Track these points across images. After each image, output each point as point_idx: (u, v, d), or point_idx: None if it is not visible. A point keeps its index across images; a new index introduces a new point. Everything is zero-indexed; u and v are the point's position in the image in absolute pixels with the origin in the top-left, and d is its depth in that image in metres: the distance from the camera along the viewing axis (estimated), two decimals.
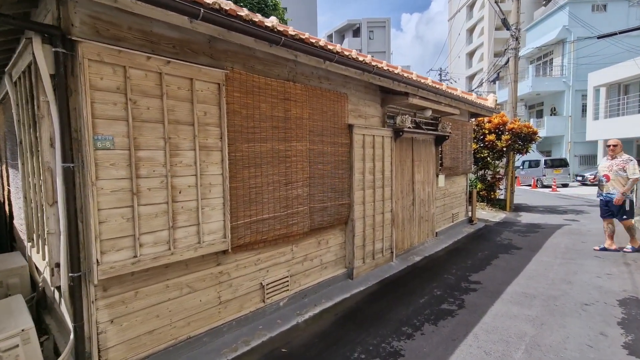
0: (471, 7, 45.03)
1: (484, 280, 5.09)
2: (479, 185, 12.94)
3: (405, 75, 5.37)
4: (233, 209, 3.52)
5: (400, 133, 5.84)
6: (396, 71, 5.14)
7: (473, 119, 10.31)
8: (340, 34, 47.50)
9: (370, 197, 5.42)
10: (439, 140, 7.48)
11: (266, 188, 3.84)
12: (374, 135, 5.44)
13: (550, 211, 12.05)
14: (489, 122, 12.14)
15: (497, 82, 24.76)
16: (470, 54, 45.87)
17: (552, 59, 26.81)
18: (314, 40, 3.74)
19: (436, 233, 7.71)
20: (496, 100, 9.23)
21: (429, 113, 6.48)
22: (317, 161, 4.48)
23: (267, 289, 3.98)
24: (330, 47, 3.99)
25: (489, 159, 12.21)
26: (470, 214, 9.45)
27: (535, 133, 11.94)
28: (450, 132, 7.30)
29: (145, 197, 2.84)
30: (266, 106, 3.81)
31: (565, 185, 20.85)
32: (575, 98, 24.94)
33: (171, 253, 2.99)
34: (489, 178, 12.73)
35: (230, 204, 3.49)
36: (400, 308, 4.22)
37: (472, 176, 14.19)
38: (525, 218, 10.70)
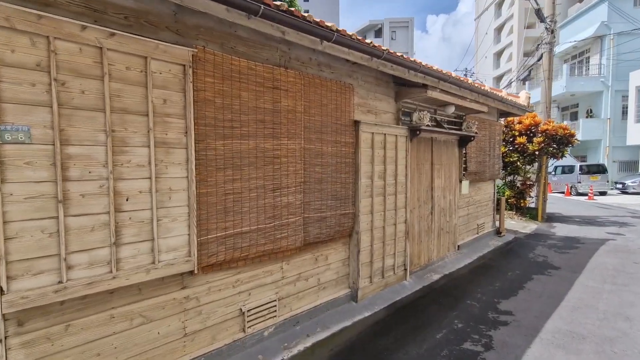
0: (500, 5, 43.12)
1: (516, 310, 4.21)
2: (507, 192, 11.84)
3: (424, 64, 4.58)
4: (202, 220, 2.86)
5: (417, 132, 5.04)
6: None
7: (502, 119, 9.32)
8: (362, 34, 46.63)
9: (380, 206, 4.65)
10: (463, 142, 6.60)
11: (248, 195, 3.17)
12: (385, 134, 4.67)
13: (588, 222, 10.80)
14: (519, 123, 11.05)
15: (527, 82, 23.25)
16: (498, 54, 43.90)
17: (588, 57, 24.95)
18: (305, 15, 3.05)
19: (458, 246, 6.81)
20: (529, 98, 8.22)
21: (451, 110, 5.65)
22: (314, 163, 3.78)
23: (248, 316, 3.30)
24: (327, 24, 3.28)
25: (518, 163, 11.12)
26: (497, 224, 8.46)
27: (572, 135, 10.75)
28: (476, 133, 6.41)
29: (77, 205, 2.22)
30: (249, 95, 3.14)
31: (603, 194, 19.15)
32: (615, 99, 23.02)
33: (113, 277, 2.36)
34: (518, 184, 11.62)
35: (199, 214, 2.83)
36: (411, 346, 3.43)
37: (499, 182, 13.11)
38: (561, 230, 9.56)
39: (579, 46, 25.05)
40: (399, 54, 4.12)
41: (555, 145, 11.00)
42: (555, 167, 21.03)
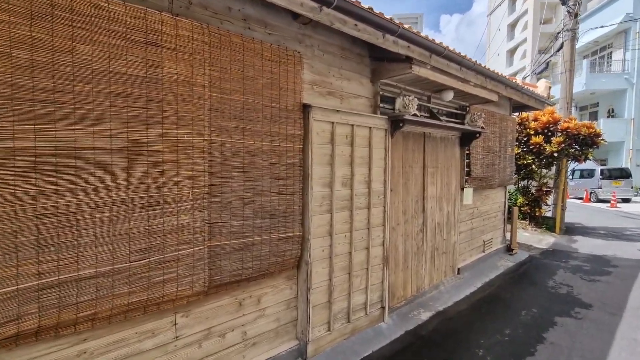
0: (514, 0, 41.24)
1: None
2: (520, 199, 10.40)
3: (407, 27, 3.29)
4: None
5: (401, 124, 3.73)
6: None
7: (516, 114, 7.92)
8: None
9: (345, 224, 3.37)
10: (466, 139, 5.26)
11: (91, 215, 1.93)
12: (353, 125, 3.39)
13: (615, 236, 9.31)
14: (535, 120, 9.61)
15: (544, 79, 21.56)
16: (512, 52, 41.99)
17: (610, 52, 23.15)
18: None
19: (458, 270, 5.47)
20: (550, 87, 6.82)
21: (449, 96, 4.32)
22: (230, 165, 2.52)
23: None
24: None
25: (533, 166, 9.68)
26: (509, 239, 7.06)
27: (598, 135, 9.25)
28: (482, 128, 5.07)
29: None
30: (96, 51, 1.90)
31: (626, 201, 17.44)
32: None
33: None
34: (533, 191, 10.17)
35: None
36: None
37: (511, 187, 11.67)
38: (584, 245, 8.11)
39: (600, 41, 23.27)
40: (366, 6, 2.84)
41: (577, 147, 9.53)
42: (573, 171, 19.35)
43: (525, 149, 9.77)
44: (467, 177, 5.46)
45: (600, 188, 17.43)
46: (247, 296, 2.79)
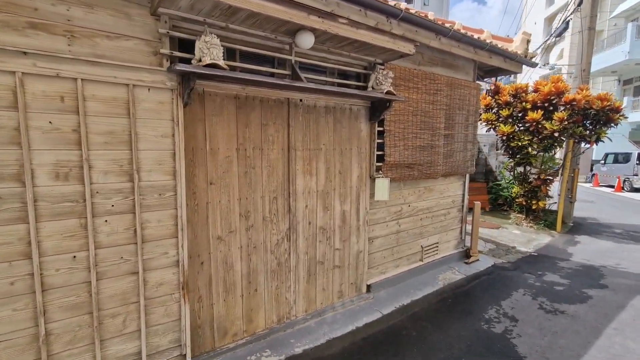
0: None
1: None
2: (516, 189, 8.62)
3: None
4: None
5: (191, 84, 2.35)
6: None
7: (489, 81, 6.13)
8: None
9: (72, 240, 2.13)
10: (376, 110, 3.75)
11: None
12: (79, 80, 2.08)
13: (633, 237, 7.42)
14: (536, 91, 7.68)
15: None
16: (550, 19, 37.39)
17: None
18: None
19: (368, 286, 4.09)
20: (528, 42, 4.99)
21: (306, 41, 2.83)
22: None
23: None
24: None
25: (530, 149, 7.82)
26: (467, 243, 5.49)
27: (616, 110, 7.21)
28: (390, 93, 3.53)
29: None
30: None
31: None
32: None
33: None
34: (532, 179, 8.33)
35: None
36: None
37: (507, 174, 9.82)
38: (583, 250, 6.38)
39: None
40: None
41: (589, 125, 7.54)
42: (606, 155, 16.72)
43: (521, 127, 7.91)
44: (380, 164, 3.97)
45: (637, 175, 14.81)
46: None
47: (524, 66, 5.34)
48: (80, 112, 2.09)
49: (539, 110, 7.36)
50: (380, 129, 3.93)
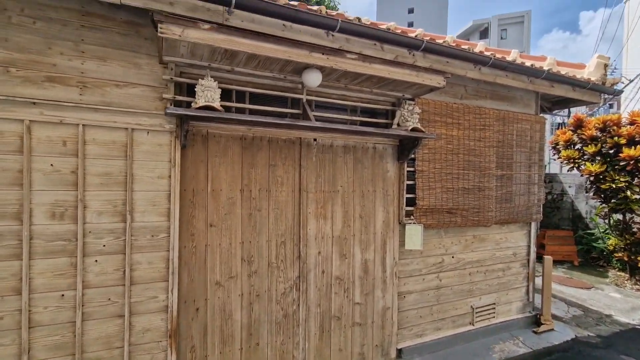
0: None
1: None
2: (613, 241, 7.05)
3: None
4: None
5: (186, 128, 2.37)
6: None
7: (561, 113, 5.25)
8: (464, 38, 41.10)
9: (62, 277, 2.18)
10: (405, 149, 3.39)
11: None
12: (81, 126, 2.22)
13: None
14: (632, 123, 6.39)
15: None
16: None
17: None
18: None
19: (399, 351, 3.50)
20: (605, 66, 4.17)
21: (313, 80, 2.69)
22: None
23: None
24: None
25: (629, 192, 6.38)
26: (539, 305, 4.46)
27: None
28: (418, 130, 3.16)
29: None
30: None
31: None
32: None
33: None
34: (636, 229, 6.75)
35: None
36: None
37: (599, 221, 8.17)
38: None
39: None
40: None
41: None
42: None
43: (614, 166, 6.57)
44: (412, 208, 3.52)
45: None
46: None
47: (605, 95, 4.46)
48: (80, 155, 2.21)
49: (639, 146, 6.06)
50: (411, 169, 3.53)
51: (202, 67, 2.57)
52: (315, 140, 3.08)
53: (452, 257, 3.87)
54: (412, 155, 3.43)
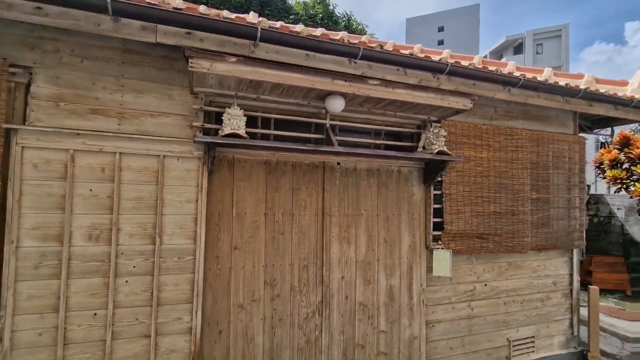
0: None
1: None
2: None
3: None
4: None
5: (213, 153, 2.47)
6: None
7: (603, 132, 4.93)
8: (497, 54, 40.23)
9: (95, 297, 2.30)
10: (431, 171, 3.33)
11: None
12: (118, 154, 2.38)
13: None
14: None
15: None
16: None
17: None
18: None
19: None
20: None
21: (336, 105, 2.73)
22: None
23: None
24: None
25: None
26: (586, 340, 4.08)
27: None
28: (444, 153, 3.09)
29: None
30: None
31: None
32: None
33: None
34: None
35: None
36: None
37: None
38: None
39: None
40: None
41: None
42: None
43: None
44: (439, 233, 3.40)
45: None
46: None
47: None
48: (116, 180, 2.36)
49: None
50: (439, 192, 3.43)
51: (230, 96, 2.70)
52: (338, 163, 3.10)
53: (485, 284, 3.67)
54: (439, 178, 3.35)
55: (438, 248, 3.34)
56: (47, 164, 2.25)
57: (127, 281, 2.37)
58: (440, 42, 43.08)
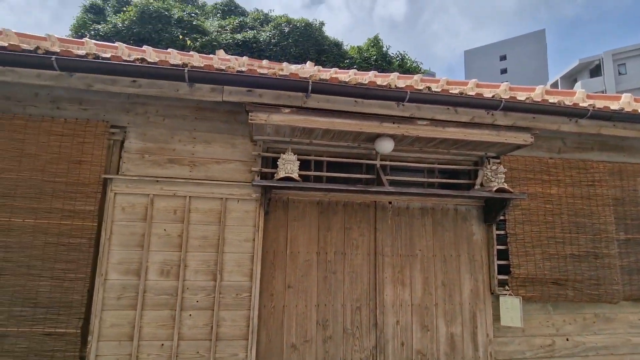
0: None
1: None
2: None
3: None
4: None
5: (268, 193, 2.66)
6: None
7: None
8: (570, 78, 37.22)
9: (163, 328, 2.53)
10: (492, 209, 3.14)
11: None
12: (187, 197, 2.69)
13: None
14: None
15: None
16: None
17: None
18: None
19: None
20: None
21: (386, 146, 2.79)
22: None
23: None
24: None
25: None
26: None
27: None
28: (506, 190, 2.92)
29: None
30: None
31: None
32: None
33: None
34: None
35: None
36: None
37: None
38: None
39: None
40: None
41: None
42: None
43: None
44: (505, 277, 3.12)
45: None
46: None
47: None
48: (185, 221, 2.65)
49: None
50: (502, 232, 3.20)
51: (285, 142, 2.92)
52: (390, 203, 3.10)
53: (567, 339, 3.21)
54: (502, 217, 3.14)
55: (505, 294, 3.06)
56: (132, 207, 2.62)
57: (190, 315, 2.57)
58: (504, 71, 41.35)
